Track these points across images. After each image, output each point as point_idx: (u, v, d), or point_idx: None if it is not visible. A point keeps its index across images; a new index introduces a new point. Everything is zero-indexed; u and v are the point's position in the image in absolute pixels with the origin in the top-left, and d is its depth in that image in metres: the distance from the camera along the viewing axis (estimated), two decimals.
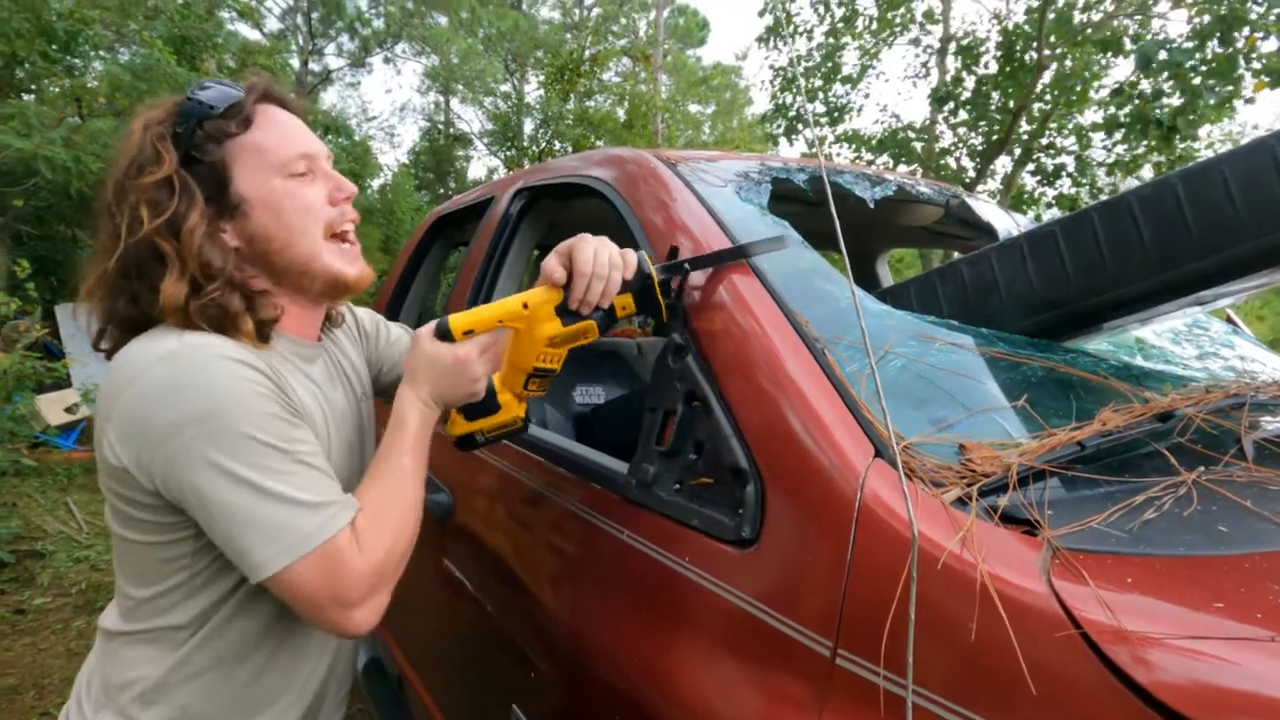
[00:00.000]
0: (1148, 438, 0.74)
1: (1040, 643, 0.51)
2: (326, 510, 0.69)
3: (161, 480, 0.68)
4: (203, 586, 0.75)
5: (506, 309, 0.81)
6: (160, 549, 0.73)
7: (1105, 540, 0.58)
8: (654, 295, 0.84)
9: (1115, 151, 6.32)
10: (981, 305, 0.98)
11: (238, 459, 0.66)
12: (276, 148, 0.77)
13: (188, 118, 0.75)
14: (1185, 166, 0.83)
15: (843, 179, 1.38)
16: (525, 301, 0.81)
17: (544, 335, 0.82)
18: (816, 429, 0.72)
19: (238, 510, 0.66)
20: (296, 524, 0.67)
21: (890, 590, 0.59)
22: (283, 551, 0.66)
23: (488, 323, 0.81)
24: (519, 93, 14.88)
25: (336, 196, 0.81)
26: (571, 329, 0.83)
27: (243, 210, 0.76)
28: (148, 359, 0.69)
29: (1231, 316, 1.61)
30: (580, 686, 0.92)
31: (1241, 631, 0.46)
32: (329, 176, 0.81)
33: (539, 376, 0.87)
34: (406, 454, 0.79)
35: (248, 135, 0.76)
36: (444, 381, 0.81)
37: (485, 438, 0.91)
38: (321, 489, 0.71)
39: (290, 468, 0.69)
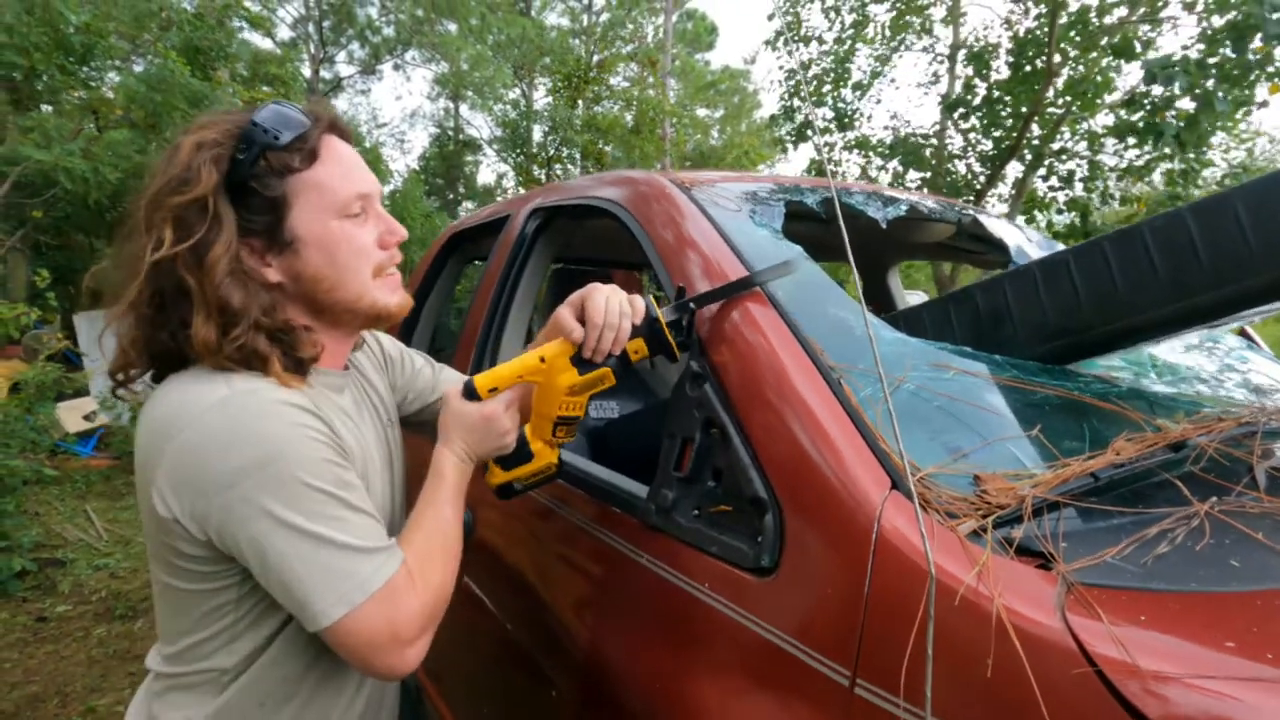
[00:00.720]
0: (1160, 468, 0.75)
1: (1055, 678, 0.53)
2: (379, 555, 0.70)
3: (216, 531, 0.68)
4: (245, 631, 0.75)
5: (525, 365, 0.87)
6: (205, 597, 0.73)
7: (1119, 575, 0.59)
8: (664, 337, 0.88)
9: (1127, 157, 6.29)
10: (994, 331, 0.99)
11: (295, 508, 0.67)
12: (338, 188, 0.76)
13: (250, 144, 0.72)
14: (1197, 200, 0.84)
15: (854, 199, 1.39)
16: (542, 356, 0.86)
17: (563, 385, 0.87)
18: (833, 460, 0.73)
19: (297, 560, 0.66)
20: (354, 570, 0.68)
21: (908, 621, 0.61)
22: (341, 599, 0.67)
23: (509, 379, 0.87)
24: (528, 99, 14.95)
25: (388, 240, 0.81)
26: (588, 377, 0.87)
27: (295, 248, 0.75)
28: (199, 406, 0.68)
29: (1247, 331, 1.61)
30: (599, 708, 0.93)
31: (1254, 671, 0.48)
32: (380, 218, 0.81)
33: (564, 424, 0.91)
34: (446, 504, 0.82)
35: (311, 171, 0.74)
36: (474, 437, 0.86)
37: (522, 485, 0.95)
38: (374, 534, 0.72)
39: (344, 514, 0.70)
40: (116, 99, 6.16)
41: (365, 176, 0.79)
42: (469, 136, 17.52)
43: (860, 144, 8.07)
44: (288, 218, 0.74)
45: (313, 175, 0.74)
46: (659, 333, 0.87)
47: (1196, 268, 0.82)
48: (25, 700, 2.44)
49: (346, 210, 0.76)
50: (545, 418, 0.91)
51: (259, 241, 0.74)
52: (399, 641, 0.70)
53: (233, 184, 0.72)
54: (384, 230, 0.81)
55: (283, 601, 0.69)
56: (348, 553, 0.68)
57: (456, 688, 1.49)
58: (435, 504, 0.81)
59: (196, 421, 0.68)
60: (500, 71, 14.30)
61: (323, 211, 0.75)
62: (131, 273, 0.71)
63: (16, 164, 5.10)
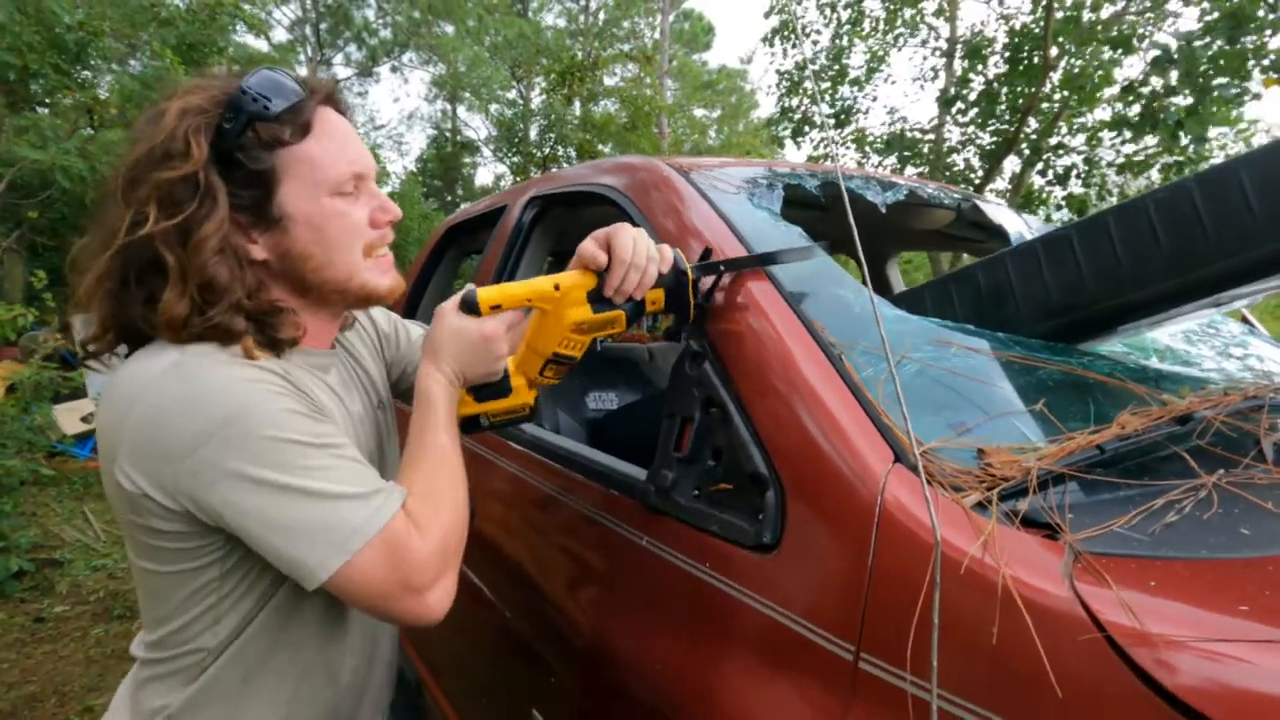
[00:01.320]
0: (1166, 441, 0.74)
1: (1064, 646, 0.51)
2: (374, 499, 0.66)
3: (189, 499, 0.64)
4: (229, 610, 0.72)
5: (537, 288, 0.79)
6: (187, 578, 0.69)
7: (1127, 544, 0.58)
8: (686, 293, 0.83)
9: (1124, 151, 6.29)
10: (996, 310, 0.98)
11: (266, 464, 0.63)
12: (332, 164, 0.71)
13: (238, 113, 0.67)
14: (1201, 170, 0.83)
15: (854, 184, 1.38)
16: (558, 283, 0.79)
17: (571, 320, 0.80)
18: (835, 435, 0.72)
19: (279, 518, 0.63)
20: (345, 518, 0.64)
21: (912, 594, 0.59)
22: (335, 550, 0.63)
23: (517, 300, 0.79)
24: (525, 98, 14.95)
25: (380, 219, 0.77)
26: (601, 317, 0.80)
27: (283, 225, 0.71)
28: (149, 374, 0.65)
29: (1247, 316, 1.60)
30: (601, 692, 0.92)
31: (1267, 634, 0.47)
32: (374, 196, 0.77)
33: (557, 363, 0.84)
34: (442, 431, 0.75)
35: (303, 145, 0.70)
36: (468, 357, 0.78)
37: (490, 421, 0.87)
38: (363, 479, 0.67)
39: (325, 462, 0.65)
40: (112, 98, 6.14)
41: (360, 153, 0.75)
42: (466, 138, 17.51)
43: (858, 140, 8.08)
44: (276, 193, 0.70)
45: (304, 149, 0.70)
46: (684, 287, 0.83)
47: (1201, 239, 0.81)
48: (23, 700, 2.42)
49: (339, 188, 0.72)
50: (538, 353, 0.83)
51: (244, 217, 0.70)
52: (411, 588, 0.66)
53: (217, 154, 0.67)
54: (376, 207, 0.77)
55: (277, 564, 0.65)
56: (334, 501, 0.64)
57: (454, 678, 1.48)
58: (431, 433, 0.75)
59: (150, 389, 0.64)
60: (497, 72, 14.30)
61: (314, 187, 0.71)
62: (103, 245, 0.67)
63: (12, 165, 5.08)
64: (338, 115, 0.75)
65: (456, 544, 0.71)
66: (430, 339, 0.80)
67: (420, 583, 0.66)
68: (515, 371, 0.86)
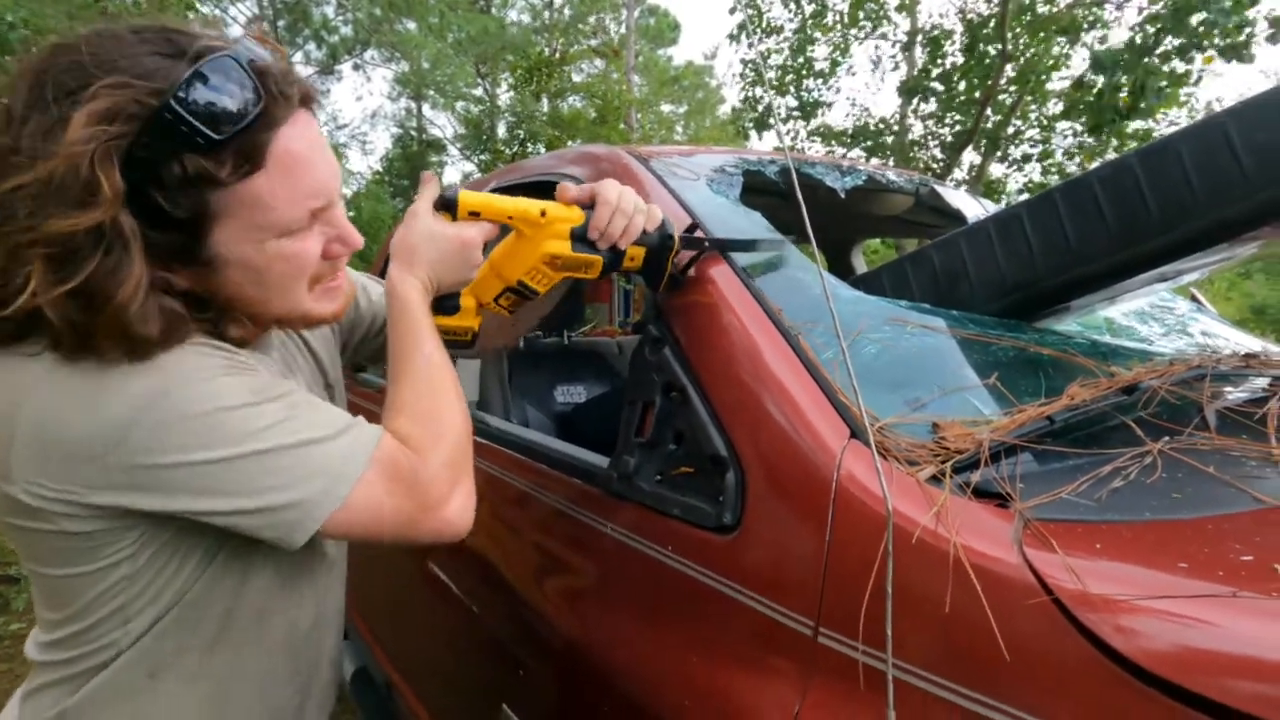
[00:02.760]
0: (1114, 410, 0.76)
1: (1015, 610, 0.52)
2: (350, 431, 0.60)
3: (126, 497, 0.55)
4: (143, 609, 0.63)
5: (520, 207, 0.74)
6: (93, 579, 0.60)
7: (1075, 510, 0.59)
8: (665, 259, 0.81)
9: (1081, 139, 6.46)
10: (952, 289, 1.00)
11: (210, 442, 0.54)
12: (286, 205, 0.57)
13: (164, 138, 0.49)
14: (1143, 145, 0.85)
15: (813, 170, 1.39)
16: (544, 209, 0.74)
17: (548, 251, 0.75)
18: (792, 414, 0.73)
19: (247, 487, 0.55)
20: (327, 457, 0.57)
21: (869, 568, 0.60)
22: (327, 494, 0.57)
23: (499, 213, 0.74)
24: (491, 95, 14.82)
25: (335, 250, 0.65)
26: (578, 256, 0.77)
27: (213, 267, 0.58)
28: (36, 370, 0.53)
29: (1196, 295, 1.65)
30: (569, 681, 0.92)
31: (1205, 589, 0.48)
32: (332, 223, 0.63)
33: (517, 293, 0.79)
34: (427, 341, 0.69)
35: (248, 183, 0.54)
36: (444, 263, 0.72)
37: None
38: (331, 418, 0.61)
39: (281, 414, 0.57)
40: None
41: (326, 179, 0.60)
42: (433, 136, 17.28)
43: (823, 133, 8.17)
44: (208, 237, 0.55)
45: (250, 188, 0.54)
46: (667, 249, 0.81)
47: (1144, 214, 0.82)
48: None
49: (291, 228, 0.59)
50: (502, 277, 0.78)
51: (162, 253, 0.55)
52: (428, 506, 0.62)
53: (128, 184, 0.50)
54: (334, 238, 0.64)
55: (261, 535, 0.58)
56: (306, 447, 0.57)
57: (424, 677, 1.46)
58: (415, 341, 0.68)
59: (40, 385, 0.53)
60: (462, 69, 14.14)
61: (258, 231, 0.57)
62: None
63: None
64: (305, 130, 0.58)
65: (464, 455, 0.67)
66: (402, 241, 0.72)
67: (433, 499, 0.62)
68: (466, 291, 0.81)
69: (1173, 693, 0.44)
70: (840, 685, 0.61)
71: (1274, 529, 0.55)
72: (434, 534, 0.64)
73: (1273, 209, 0.79)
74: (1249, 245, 0.94)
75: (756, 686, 0.67)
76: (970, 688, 0.54)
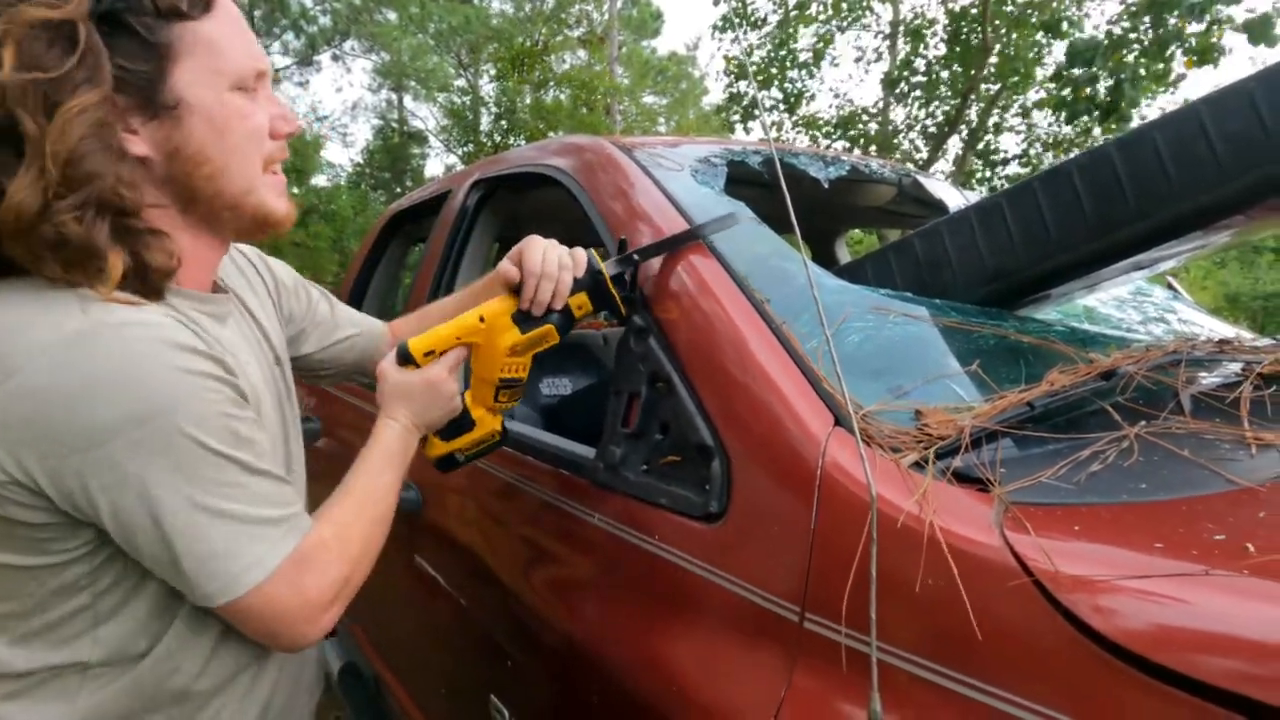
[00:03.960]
0: (1093, 396, 0.77)
1: (996, 591, 0.53)
2: (284, 525, 0.62)
3: (80, 494, 0.54)
4: (111, 614, 0.61)
5: (463, 325, 0.82)
6: (47, 573, 0.59)
7: (1054, 493, 0.61)
8: (607, 291, 0.84)
9: (1062, 131, 6.53)
10: (934, 277, 1.01)
11: (181, 474, 0.55)
12: (236, 53, 0.62)
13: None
14: (1121, 134, 0.86)
15: (797, 160, 1.39)
16: (481, 315, 0.82)
17: (504, 345, 0.82)
18: (778, 402, 0.73)
19: (185, 535, 0.56)
20: (254, 545, 0.59)
21: (853, 553, 0.61)
22: (238, 578, 0.58)
23: (447, 341, 0.81)
24: (474, 87, 14.68)
25: (280, 129, 0.68)
26: (530, 335, 0.83)
27: (176, 115, 0.59)
28: (43, 338, 0.53)
29: (1172, 283, 1.68)
30: (557, 672, 0.92)
31: (1179, 568, 0.49)
32: (273, 102, 0.68)
33: (507, 387, 0.87)
34: (384, 470, 0.75)
35: (204, 23, 0.59)
36: (419, 405, 0.79)
37: (465, 456, 0.90)
38: (277, 498, 0.62)
39: (245, 479, 0.59)
40: None
41: (260, 50, 0.66)
42: (414, 128, 17.11)
43: (808, 123, 8.19)
44: (171, 74, 0.58)
45: (205, 28, 0.59)
46: (602, 285, 0.84)
47: (1121, 202, 0.84)
48: None
49: (242, 82, 0.63)
50: (487, 382, 0.86)
51: (125, 99, 0.56)
52: (307, 618, 0.63)
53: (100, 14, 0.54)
54: (277, 115, 0.67)
55: (168, 578, 0.59)
56: (247, 525, 0.59)
57: (413, 671, 1.46)
58: (368, 468, 0.74)
59: (40, 359, 0.52)
60: (443, 63, 14.00)
61: (216, 75, 0.60)
62: None
63: None
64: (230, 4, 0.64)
65: (359, 578, 0.70)
66: (380, 398, 0.80)
67: (317, 606, 0.63)
68: (473, 404, 0.89)
69: (1149, 669, 0.45)
70: (826, 670, 0.62)
71: (1246, 509, 0.57)
72: (294, 639, 0.64)
73: (1246, 197, 0.80)
74: (1223, 233, 0.96)
75: (743, 672, 0.68)
76: (954, 669, 0.55)
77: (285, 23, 15.60)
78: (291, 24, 15.55)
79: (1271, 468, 0.63)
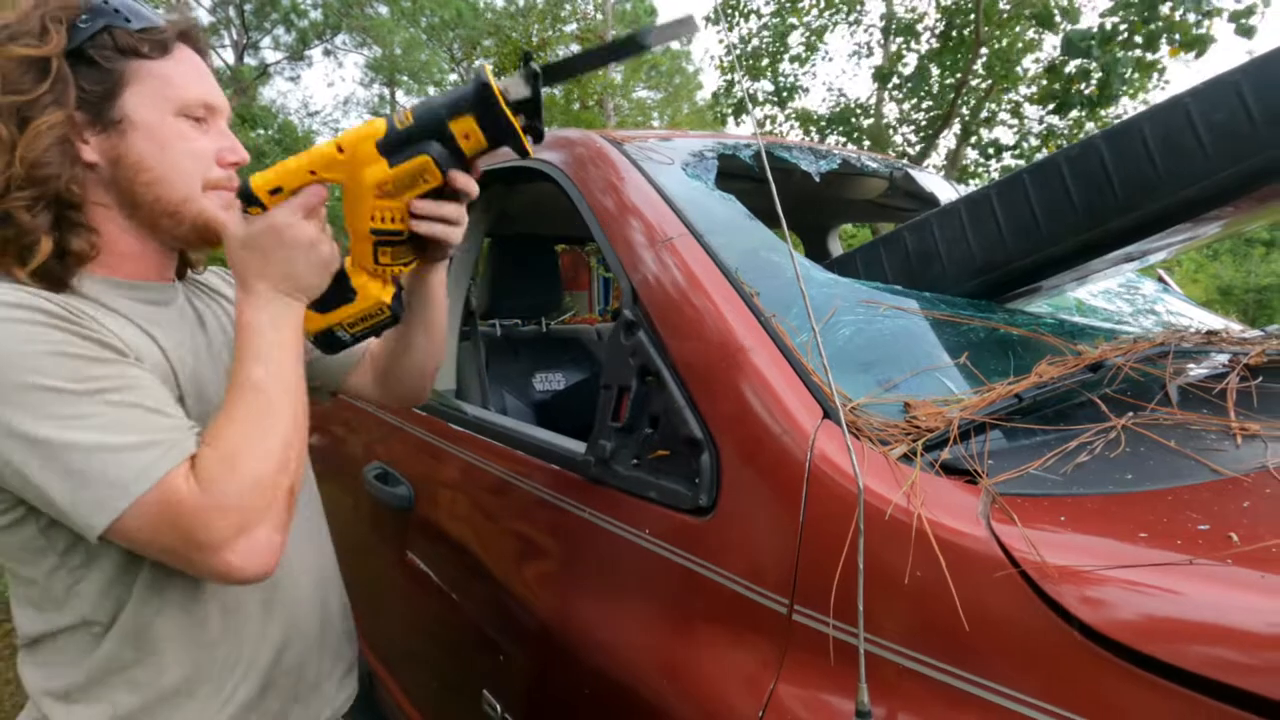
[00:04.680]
0: (1080, 388, 0.77)
1: (983, 581, 0.53)
2: (149, 451, 0.58)
3: None
4: (83, 567, 0.65)
5: (316, 154, 0.66)
6: (7, 534, 0.64)
7: (1041, 484, 0.61)
8: (502, 115, 0.64)
9: (1051, 124, 6.54)
10: (924, 270, 1.01)
11: (33, 413, 0.56)
12: (184, 85, 0.70)
13: (96, 15, 0.67)
14: (1108, 126, 0.86)
15: (789, 154, 1.39)
16: (339, 144, 0.65)
17: (369, 183, 0.65)
18: (767, 395, 0.73)
19: (50, 470, 0.57)
20: (110, 473, 0.57)
21: (842, 545, 0.61)
22: (100, 507, 0.57)
23: (296, 174, 0.65)
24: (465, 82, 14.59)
25: (226, 157, 0.73)
26: (402, 169, 0.64)
27: (121, 128, 0.68)
28: None
29: (1162, 276, 1.69)
30: (549, 665, 0.92)
31: (1162, 558, 0.49)
32: (224, 135, 0.74)
33: (385, 244, 0.70)
34: (253, 362, 0.64)
35: (159, 62, 0.69)
36: (276, 262, 0.65)
37: (348, 333, 0.74)
38: (141, 427, 0.59)
39: (91, 409, 0.58)
40: None
41: (214, 87, 0.73)
42: None
43: (801, 117, 8.18)
44: (121, 95, 0.67)
45: (159, 66, 0.69)
46: (494, 107, 0.64)
47: (1110, 193, 0.84)
48: None
49: (188, 110, 0.70)
50: (361, 236, 0.69)
51: (81, 115, 0.66)
52: (198, 547, 0.58)
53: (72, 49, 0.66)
54: (225, 147, 0.73)
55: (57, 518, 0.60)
56: (98, 453, 0.57)
57: (406, 666, 1.46)
58: (241, 369, 0.64)
59: None
60: (435, 56, 13.93)
61: (163, 101, 0.69)
62: None
63: None
64: (195, 56, 0.74)
65: (266, 495, 0.61)
66: (230, 264, 0.67)
67: (205, 541, 0.58)
68: (352, 269, 0.72)
69: (1133, 658, 0.46)
70: (815, 661, 0.62)
71: (1231, 499, 0.57)
72: (207, 572, 0.60)
73: (1233, 188, 0.80)
74: (1212, 224, 0.96)
75: (733, 664, 0.68)
76: (942, 660, 0.55)
77: (276, 17, 15.49)
78: (283, 18, 15.44)
79: (1256, 458, 0.63)
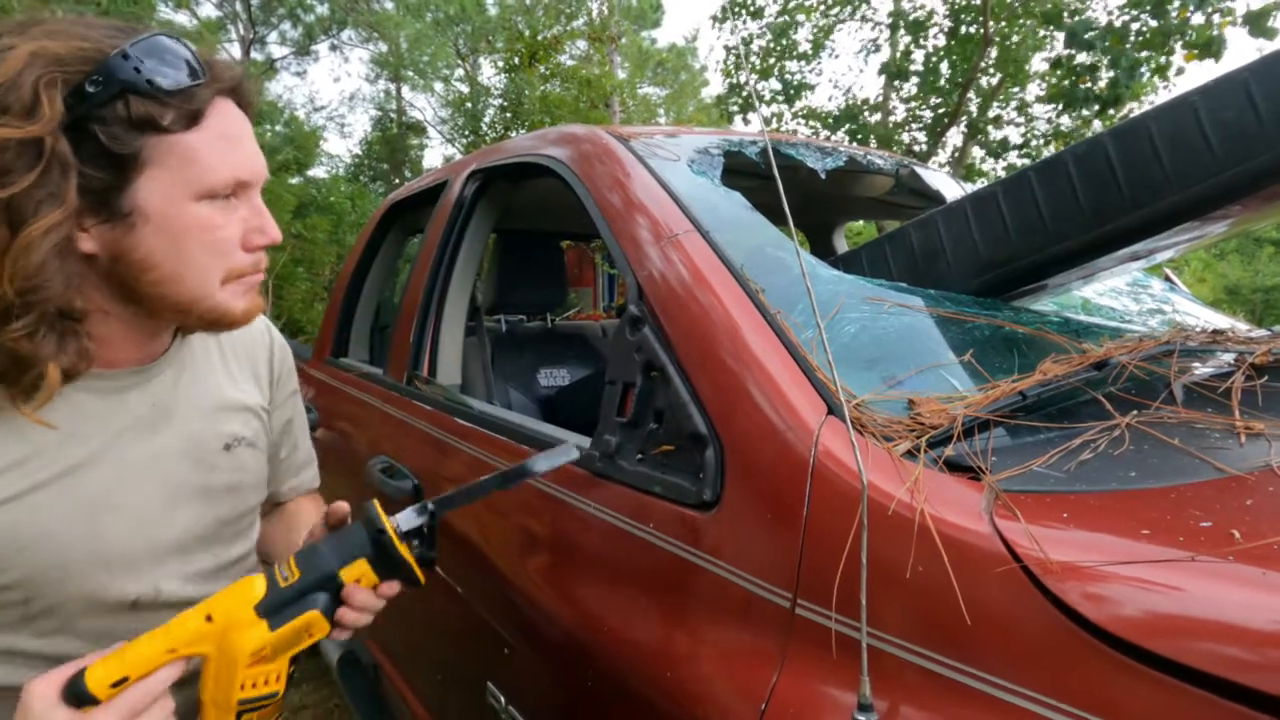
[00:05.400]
0: (1085, 385, 0.78)
1: (985, 577, 0.54)
2: None
3: None
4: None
5: (176, 633, 0.56)
6: None
7: (1044, 481, 0.61)
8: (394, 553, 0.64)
9: (1059, 123, 6.51)
10: (930, 267, 1.01)
11: None
12: (211, 166, 0.59)
13: (109, 80, 0.53)
14: (1116, 124, 0.86)
15: (794, 151, 1.39)
16: (209, 613, 0.57)
17: (245, 651, 0.58)
18: (771, 391, 0.73)
19: None
20: None
21: (845, 541, 0.61)
22: None
23: (150, 658, 0.55)
24: (472, 78, 14.61)
25: (255, 241, 0.64)
26: (285, 630, 0.60)
27: (130, 221, 0.57)
28: None
29: (1169, 275, 1.68)
30: (554, 658, 0.93)
31: (1165, 555, 0.49)
32: (255, 211, 0.64)
33: (254, 710, 0.61)
34: None
35: (184, 136, 0.57)
36: None
37: None
38: None
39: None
40: None
41: (252, 158, 0.63)
42: (412, 119, 17.02)
43: (808, 115, 8.16)
44: (133, 182, 0.56)
45: (184, 141, 0.57)
46: (388, 549, 0.63)
47: (1116, 192, 0.84)
48: None
49: (213, 193, 0.60)
50: (225, 708, 0.59)
51: (84, 202, 0.55)
52: None
53: (70, 119, 0.53)
54: (255, 228, 0.64)
55: None
56: None
57: (410, 658, 1.47)
58: None
59: None
60: (442, 49, 13.92)
61: (182, 186, 0.58)
62: None
63: None
64: (238, 111, 0.63)
65: None
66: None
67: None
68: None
69: (1135, 654, 0.46)
70: (818, 655, 0.62)
71: (1234, 496, 0.57)
72: None
73: (1240, 187, 0.80)
74: (1219, 223, 0.96)
75: (736, 658, 0.68)
76: (944, 655, 0.55)
77: (282, 11, 15.49)
78: (289, 13, 15.44)
79: (1260, 456, 0.63)
